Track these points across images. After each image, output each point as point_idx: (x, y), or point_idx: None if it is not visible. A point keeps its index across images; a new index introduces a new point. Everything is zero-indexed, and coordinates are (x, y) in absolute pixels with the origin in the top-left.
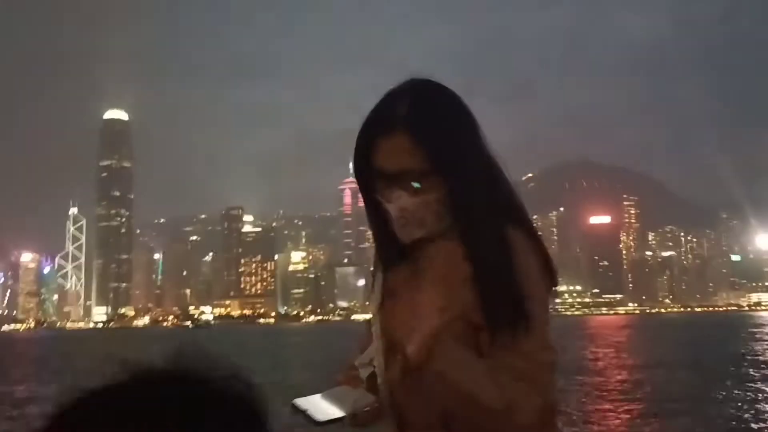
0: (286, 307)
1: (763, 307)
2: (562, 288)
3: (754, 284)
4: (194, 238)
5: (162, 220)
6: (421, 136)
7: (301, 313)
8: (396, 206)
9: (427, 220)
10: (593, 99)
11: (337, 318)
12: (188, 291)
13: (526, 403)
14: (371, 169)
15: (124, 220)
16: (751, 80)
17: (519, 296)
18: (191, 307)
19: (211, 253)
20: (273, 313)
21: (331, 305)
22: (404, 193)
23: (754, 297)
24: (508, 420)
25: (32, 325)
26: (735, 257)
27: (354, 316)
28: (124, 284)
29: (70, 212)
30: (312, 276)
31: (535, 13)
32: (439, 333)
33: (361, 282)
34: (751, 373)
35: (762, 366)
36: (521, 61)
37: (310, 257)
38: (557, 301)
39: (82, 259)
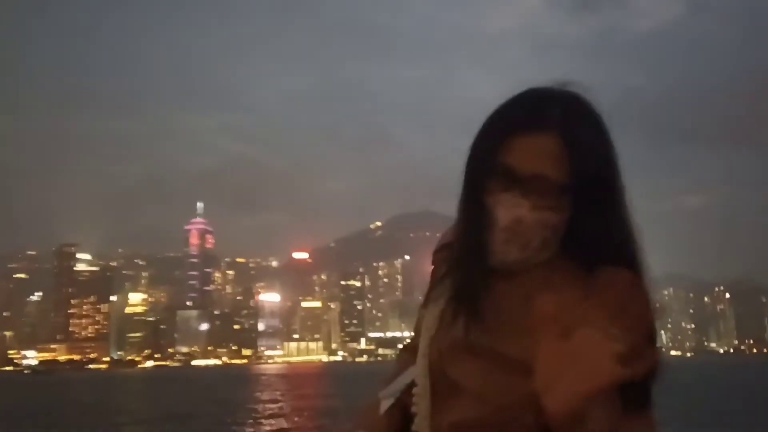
0: (120, 352)
1: None
2: (407, 333)
3: None
4: (20, 275)
5: None
6: (574, 145)
7: (137, 359)
8: (510, 214)
9: (533, 244)
10: (438, 152)
11: (177, 364)
12: (10, 333)
13: None
14: (495, 163)
15: None
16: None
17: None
18: (11, 351)
19: (38, 293)
20: (105, 358)
21: (170, 350)
22: (526, 203)
23: None
24: None
25: None
26: None
27: (194, 362)
28: None
29: None
30: (151, 319)
31: (391, 67)
32: (604, 393)
33: (204, 326)
34: None
35: None
36: (375, 113)
37: (151, 299)
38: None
39: None
